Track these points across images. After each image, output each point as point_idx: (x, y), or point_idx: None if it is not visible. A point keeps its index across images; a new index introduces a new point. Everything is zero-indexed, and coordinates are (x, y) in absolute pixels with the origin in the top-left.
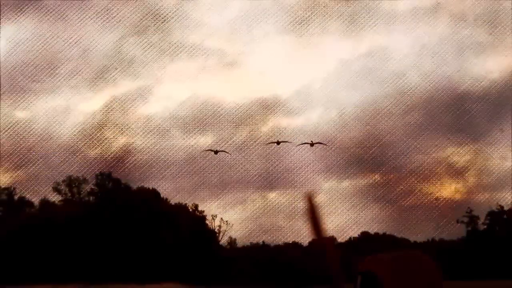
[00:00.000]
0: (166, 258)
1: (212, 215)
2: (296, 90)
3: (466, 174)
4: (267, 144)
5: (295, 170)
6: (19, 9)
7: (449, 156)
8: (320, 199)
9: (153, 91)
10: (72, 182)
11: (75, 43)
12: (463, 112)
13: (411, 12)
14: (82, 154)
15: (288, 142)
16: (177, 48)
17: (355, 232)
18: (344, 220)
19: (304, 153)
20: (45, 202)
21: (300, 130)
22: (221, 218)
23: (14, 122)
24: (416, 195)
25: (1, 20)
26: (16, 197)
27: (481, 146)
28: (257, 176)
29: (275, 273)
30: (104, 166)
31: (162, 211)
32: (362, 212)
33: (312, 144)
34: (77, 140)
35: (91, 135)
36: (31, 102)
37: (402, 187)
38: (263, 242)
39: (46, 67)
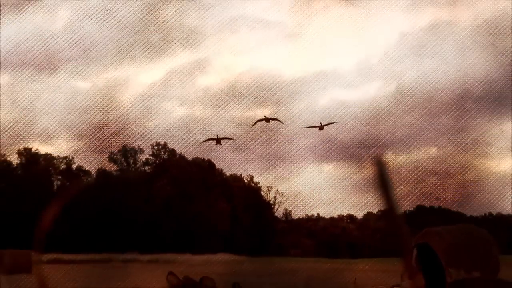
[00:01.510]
0: (220, 229)
1: (267, 187)
2: (355, 63)
3: None
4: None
5: (350, 144)
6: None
7: None
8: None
9: (212, 63)
10: (127, 152)
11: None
12: None
13: None
14: (140, 125)
15: (315, 126)
16: (237, 20)
17: (410, 206)
18: (399, 193)
19: (362, 126)
20: (102, 171)
21: (356, 104)
22: (277, 190)
23: (74, 92)
24: (474, 169)
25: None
26: (74, 166)
27: None
28: (314, 148)
29: (329, 245)
30: (160, 137)
31: (216, 182)
32: (416, 185)
33: (321, 128)
34: (136, 111)
35: (150, 106)
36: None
37: (460, 161)
38: (318, 214)
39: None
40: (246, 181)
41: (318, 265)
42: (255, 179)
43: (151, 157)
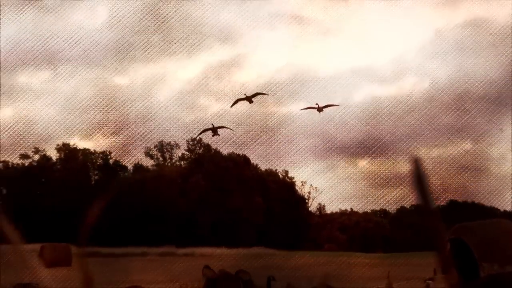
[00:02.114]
0: (255, 223)
1: (302, 181)
2: (390, 59)
3: None
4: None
5: (386, 139)
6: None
7: None
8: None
9: (249, 59)
10: (164, 148)
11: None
12: None
13: None
14: (177, 120)
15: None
16: (274, 17)
17: (443, 201)
18: (433, 188)
19: (394, 122)
20: (138, 166)
21: (392, 98)
22: (311, 185)
23: (112, 88)
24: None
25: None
26: (111, 161)
27: None
28: (348, 143)
29: (362, 240)
30: (196, 132)
31: (251, 176)
32: (450, 180)
33: (319, 109)
34: (173, 106)
35: (186, 101)
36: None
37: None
38: (351, 208)
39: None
40: (281, 176)
41: (352, 259)
42: (290, 174)
43: (187, 152)
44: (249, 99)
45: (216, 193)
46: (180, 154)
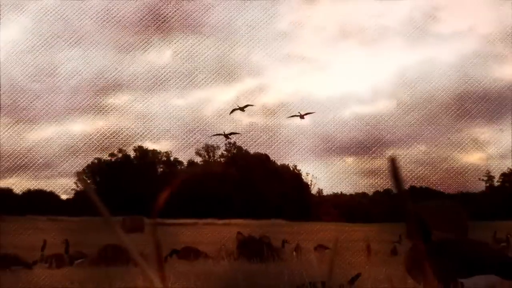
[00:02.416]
0: (274, 202)
1: (306, 173)
2: (368, 86)
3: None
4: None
5: (368, 141)
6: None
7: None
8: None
9: (269, 86)
10: (208, 148)
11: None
12: None
13: None
14: (218, 129)
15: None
16: (288, 56)
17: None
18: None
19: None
20: (191, 162)
21: (369, 115)
22: (312, 175)
23: (174, 108)
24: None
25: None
26: (172, 158)
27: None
28: (339, 145)
29: (349, 214)
30: (232, 137)
31: (271, 169)
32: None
33: (301, 117)
34: (216, 119)
35: (224, 116)
36: (187, 90)
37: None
38: (341, 192)
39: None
40: (291, 168)
41: (341, 227)
42: (298, 167)
43: (225, 152)
44: (241, 109)
45: (246, 181)
46: (220, 153)
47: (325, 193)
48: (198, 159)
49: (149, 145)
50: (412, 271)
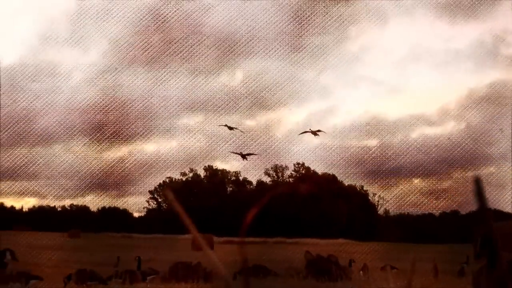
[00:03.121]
0: (342, 222)
1: (373, 193)
2: (436, 108)
3: None
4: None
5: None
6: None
7: None
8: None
9: (339, 108)
10: (277, 169)
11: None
12: None
13: None
14: (287, 150)
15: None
16: (357, 78)
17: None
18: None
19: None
20: (260, 182)
21: (437, 135)
22: (379, 195)
23: (245, 128)
24: None
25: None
26: (241, 178)
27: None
28: (410, 165)
29: (415, 235)
30: (300, 158)
31: (338, 189)
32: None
33: (314, 133)
34: (284, 141)
35: (293, 138)
36: (258, 112)
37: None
38: (407, 212)
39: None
40: (358, 189)
41: (408, 247)
42: (364, 188)
43: (293, 172)
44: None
45: (313, 200)
46: (288, 173)
47: (391, 213)
48: (267, 179)
49: (219, 165)
50: None
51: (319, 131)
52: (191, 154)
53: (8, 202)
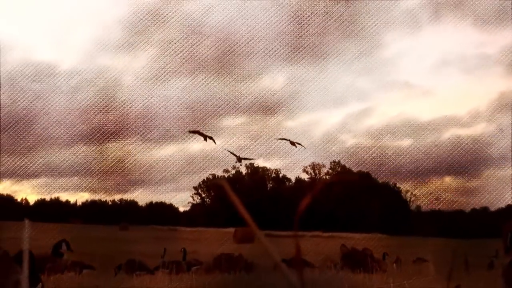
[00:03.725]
0: (376, 217)
1: (405, 190)
2: (467, 111)
3: None
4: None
5: (466, 162)
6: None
7: None
8: None
9: (376, 110)
10: (315, 167)
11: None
12: None
13: None
14: (325, 150)
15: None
16: (391, 82)
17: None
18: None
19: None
20: (298, 179)
21: (469, 137)
22: (411, 192)
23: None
24: None
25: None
26: (280, 175)
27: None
28: (441, 164)
29: (446, 230)
30: (336, 157)
31: (372, 186)
32: None
33: (292, 143)
34: (321, 141)
35: (331, 138)
36: (298, 113)
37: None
38: (439, 208)
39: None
40: (391, 186)
41: (439, 242)
42: (397, 185)
43: (330, 170)
44: (293, 143)
45: (348, 197)
46: (325, 171)
47: (423, 209)
48: (305, 176)
49: (260, 163)
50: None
51: (298, 143)
52: (234, 152)
53: (64, 196)
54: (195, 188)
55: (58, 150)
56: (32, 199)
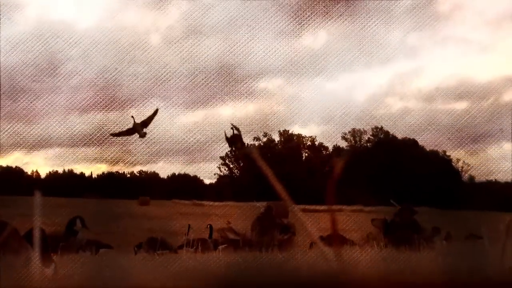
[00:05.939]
0: (424, 189)
1: (457, 159)
2: None
3: None
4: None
5: None
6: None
7: None
8: None
9: (425, 70)
10: (355, 133)
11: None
12: None
13: None
14: (367, 114)
15: None
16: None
17: None
18: None
19: None
20: (336, 147)
21: None
22: (464, 161)
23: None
24: None
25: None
26: (317, 143)
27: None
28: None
29: (503, 203)
30: (379, 122)
31: (418, 155)
32: None
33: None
34: (366, 104)
35: (376, 101)
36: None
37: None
38: (495, 179)
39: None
40: (441, 154)
41: (495, 216)
42: (447, 153)
43: (372, 137)
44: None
45: (391, 167)
46: (366, 138)
47: (477, 180)
48: (344, 144)
49: (297, 130)
50: None
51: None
52: (270, 119)
53: (78, 168)
54: (222, 158)
55: (74, 117)
56: (43, 171)
